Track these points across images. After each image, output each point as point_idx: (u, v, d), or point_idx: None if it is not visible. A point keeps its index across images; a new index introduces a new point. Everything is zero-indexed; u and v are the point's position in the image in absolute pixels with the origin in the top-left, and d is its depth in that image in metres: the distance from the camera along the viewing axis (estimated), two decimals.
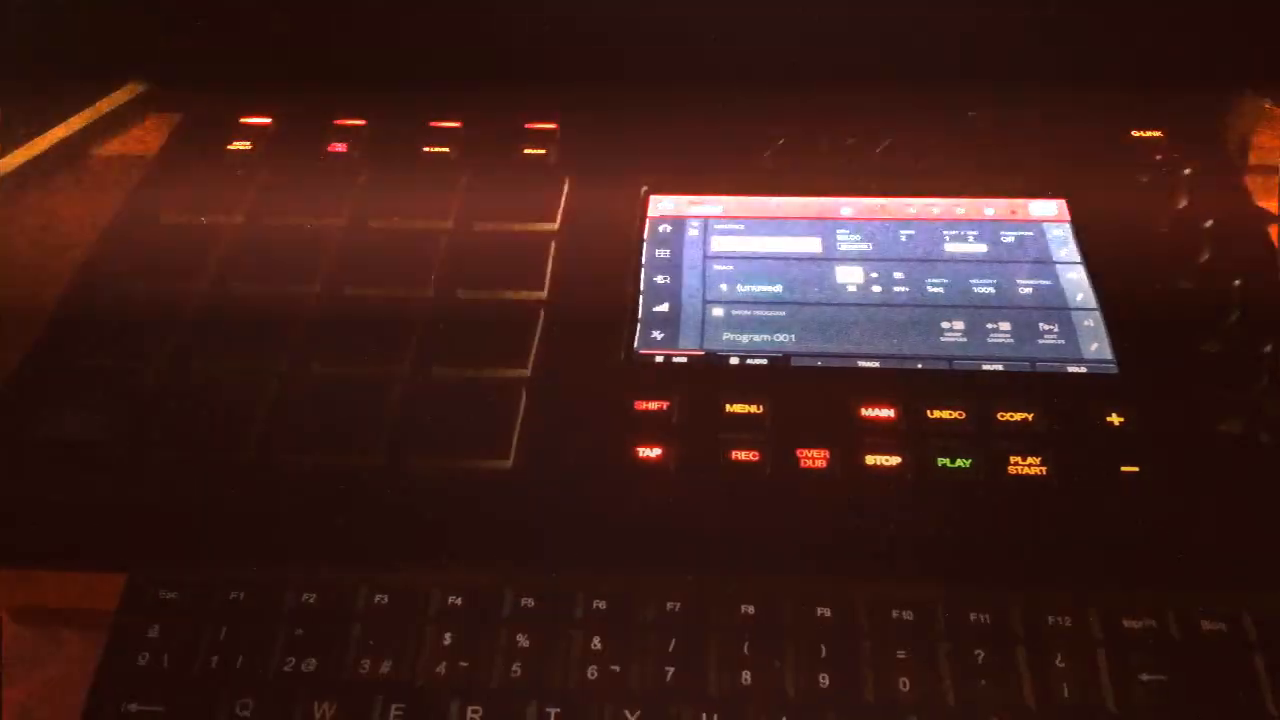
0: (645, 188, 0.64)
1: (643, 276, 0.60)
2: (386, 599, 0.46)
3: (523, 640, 0.45)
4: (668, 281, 0.60)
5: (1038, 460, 0.50)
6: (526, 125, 0.69)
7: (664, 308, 0.58)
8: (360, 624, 0.45)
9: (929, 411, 0.52)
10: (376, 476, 0.51)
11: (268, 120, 0.70)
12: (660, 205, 0.64)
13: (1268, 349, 0.53)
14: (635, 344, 0.56)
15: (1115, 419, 0.51)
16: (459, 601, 0.46)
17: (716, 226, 0.62)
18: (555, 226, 0.62)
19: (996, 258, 0.60)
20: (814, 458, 0.50)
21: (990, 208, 0.63)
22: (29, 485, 0.51)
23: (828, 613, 0.45)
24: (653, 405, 0.53)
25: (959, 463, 0.50)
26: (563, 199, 0.63)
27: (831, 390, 0.53)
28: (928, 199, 0.63)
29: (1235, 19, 0.63)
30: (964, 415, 0.51)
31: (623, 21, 0.67)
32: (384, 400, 0.54)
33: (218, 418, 0.53)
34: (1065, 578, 0.47)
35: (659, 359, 0.56)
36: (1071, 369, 0.54)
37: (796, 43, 0.67)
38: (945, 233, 0.61)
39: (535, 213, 0.63)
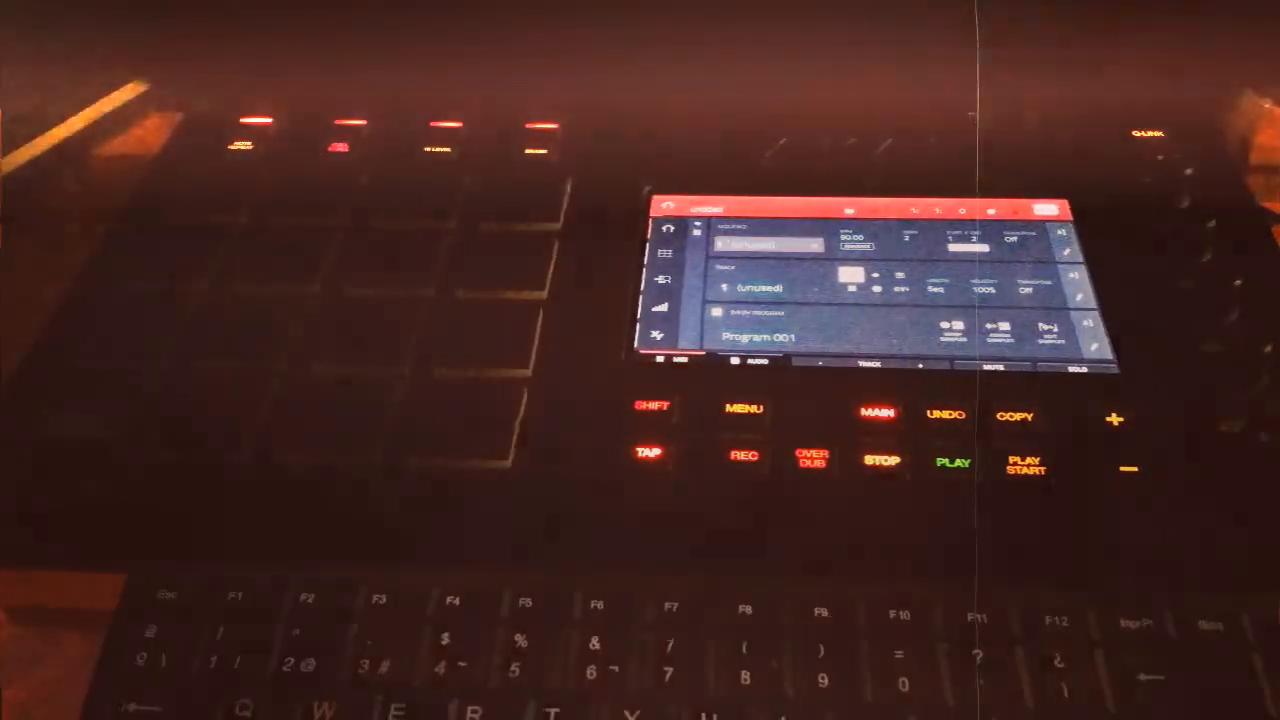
0: (648, 188, 0.64)
1: (643, 276, 0.60)
2: (385, 599, 0.46)
3: (521, 640, 0.45)
4: (668, 281, 0.59)
5: (1037, 460, 0.50)
6: (527, 125, 0.69)
7: (664, 307, 0.58)
8: (359, 624, 0.45)
9: (929, 411, 0.52)
10: (376, 476, 0.51)
11: (268, 120, 0.70)
12: (663, 205, 0.64)
13: (1268, 349, 0.53)
14: (635, 344, 0.56)
15: (1115, 419, 0.51)
16: (458, 601, 0.46)
17: (720, 226, 0.62)
18: (558, 227, 0.62)
19: (999, 258, 0.60)
20: (814, 458, 0.50)
21: (993, 208, 0.63)
22: (29, 485, 0.51)
23: (826, 613, 0.45)
24: (653, 405, 0.53)
25: (959, 463, 0.50)
26: (565, 199, 0.63)
27: (831, 390, 0.53)
28: (930, 199, 0.63)
29: (1235, 19, 0.63)
30: (964, 415, 0.51)
31: (624, 21, 0.67)
32: (384, 400, 0.54)
33: (218, 418, 0.53)
34: (1064, 578, 0.47)
35: (659, 359, 0.56)
36: (1072, 369, 0.54)
37: (798, 42, 0.67)
38: (948, 232, 0.61)
39: (537, 213, 0.63)
